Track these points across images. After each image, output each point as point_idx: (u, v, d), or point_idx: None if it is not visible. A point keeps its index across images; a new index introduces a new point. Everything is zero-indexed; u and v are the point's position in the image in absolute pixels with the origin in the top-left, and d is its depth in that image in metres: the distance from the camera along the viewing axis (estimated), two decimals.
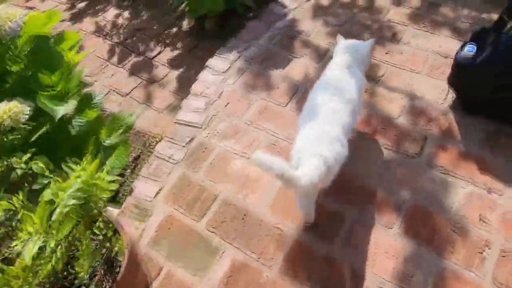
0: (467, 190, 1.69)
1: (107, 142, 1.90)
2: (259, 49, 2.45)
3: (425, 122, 1.96)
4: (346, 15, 2.61)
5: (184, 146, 2.00)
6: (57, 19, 1.76)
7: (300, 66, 2.31)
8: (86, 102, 1.80)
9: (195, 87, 2.27)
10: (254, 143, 1.97)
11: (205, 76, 2.34)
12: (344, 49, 1.74)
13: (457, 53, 1.79)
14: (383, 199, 1.70)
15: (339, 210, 1.68)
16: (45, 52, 1.62)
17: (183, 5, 2.84)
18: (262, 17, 2.68)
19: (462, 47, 1.78)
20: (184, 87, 2.52)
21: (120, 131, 1.92)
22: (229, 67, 2.36)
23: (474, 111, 1.94)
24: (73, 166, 1.27)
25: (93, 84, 2.17)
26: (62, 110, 1.44)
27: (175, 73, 2.64)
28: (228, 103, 2.16)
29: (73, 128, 1.54)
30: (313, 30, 2.52)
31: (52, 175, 1.30)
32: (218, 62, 2.40)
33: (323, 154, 1.36)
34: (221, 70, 2.35)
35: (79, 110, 1.76)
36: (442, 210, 1.64)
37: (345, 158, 1.46)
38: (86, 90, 2.10)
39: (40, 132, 1.44)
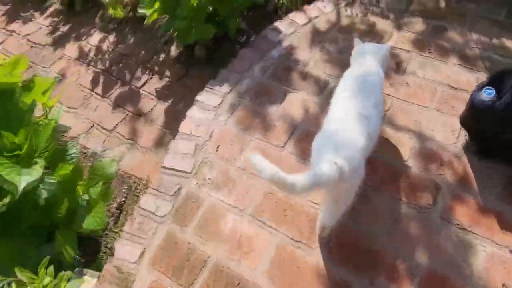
0: (488, 251, 1.51)
1: (85, 197, 1.71)
2: (252, 81, 2.26)
3: (437, 167, 1.78)
4: (346, 41, 2.42)
5: (171, 197, 1.81)
6: (24, 65, 1.56)
7: (297, 101, 2.12)
8: (59, 156, 1.61)
9: (184, 126, 2.08)
10: (248, 193, 1.78)
11: (194, 112, 2.14)
12: (364, 52, 1.69)
13: (473, 96, 1.61)
14: (394, 263, 1.51)
15: (346, 279, 1.49)
16: (7, 108, 1.42)
17: (171, 30, 2.65)
18: (255, 44, 2.49)
19: (479, 89, 1.60)
20: (172, 121, 2.33)
21: (100, 184, 1.73)
22: (221, 102, 2.17)
23: (490, 155, 1.77)
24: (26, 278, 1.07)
25: (70, 130, 1.97)
26: (25, 181, 1.24)
27: (163, 105, 2.45)
28: (220, 145, 1.97)
29: (40, 197, 1.35)
30: (311, 59, 2.33)
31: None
32: (209, 97, 2.21)
33: (338, 163, 1.22)
34: (211, 106, 2.16)
35: (51, 167, 1.57)
36: (461, 276, 1.46)
37: (361, 176, 1.36)
38: (63, 131, 1.93)
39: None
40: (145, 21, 2.41)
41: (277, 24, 2.60)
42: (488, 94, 1.52)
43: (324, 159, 1.24)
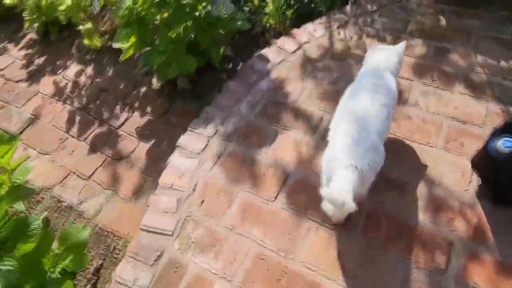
0: None
1: (55, 271, 1.51)
2: (239, 120, 2.06)
3: (448, 218, 1.58)
4: (340, 69, 2.22)
5: (151, 266, 1.61)
6: None
7: (289, 142, 1.92)
8: (19, 232, 1.41)
9: (165, 177, 1.88)
10: (237, 257, 1.58)
11: (176, 159, 1.95)
12: (376, 54, 1.68)
13: (488, 144, 1.41)
14: None
15: None
16: None
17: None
18: (242, 76, 2.29)
19: (494, 135, 1.40)
20: (154, 164, 2.13)
21: (70, 257, 1.53)
22: (205, 146, 1.97)
23: (506, 200, 1.57)
24: None
25: (35, 191, 1.78)
26: None
27: (145, 146, 2.25)
28: (204, 199, 1.77)
29: None
30: (303, 92, 2.14)
31: None
32: (192, 140, 2.01)
33: (357, 165, 1.30)
34: (195, 151, 1.96)
35: (11, 244, 1.37)
36: None
37: (380, 166, 1.44)
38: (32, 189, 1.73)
39: None
40: (121, 56, 2.21)
41: (265, 51, 2.40)
42: (505, 146, 1.32)
43: (338, 167, 1.32)
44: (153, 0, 2.01)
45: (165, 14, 2.07)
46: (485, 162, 1.47)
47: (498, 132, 1.39)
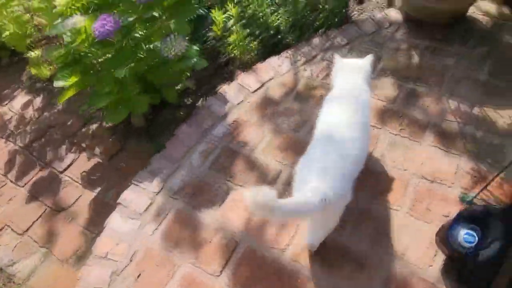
0: None
1: None
2: (189, 173, 1.86)
3: None
4: (302, 113, 2.04)
5: None
6: None
7: (242, 202, 1.73)
8: None
9: (100, 244, 1.68)
10: None
11: (115, 221, 1.75)
12: (346, 69, 1.60)
13: (450, 232, 1.24)
14: None
15: None
16: None
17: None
18: (197, 119, 2.09)
19: (457, 222, 1.24)
20: (98, 219, 1.92)
21: None
22: (149, 205, 1.78)
23: (471, 282, 1.41)
24: None
25: None
26: None
27: (90, 195, 2.04)
28: (142, 272, 1.58)
29: None
30: (261, 140, 1.95)
31: None
32: (135, 197, 1.81)
33: (322, 191, 1.16)
34: (138, 211, 1.76)
35: None
36: None
37: (346, 202, 1.31)
38: None
39: None
40: (59, 98, 1.99)
41: (225, 89, 2.21)
42: (467, 241, 1.15)
43: (308, 187, 1.18)
44: (94, 39, 1.79)
45: (108, 55, 1.86)
46: (449, 245, 1.30)
47: (461, 220, 1.22)
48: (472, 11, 2.41)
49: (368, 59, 1.61)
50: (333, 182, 1.20)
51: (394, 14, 2.51)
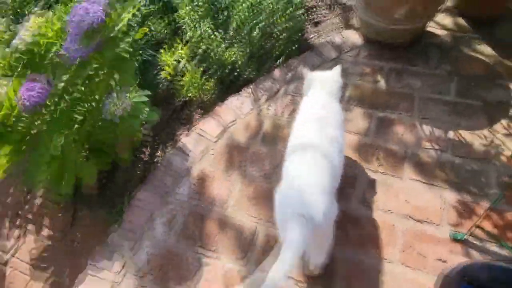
0: None
1: None
2: (154, 246, 1.64)
3: None
4: (272, 157, 1.87)
5: None
6: None
7: (217, 275, 1.53)
8: None
9: None
10: None
11: None
12: (317, 83, 1.57)
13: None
14: None
15: None
16: None
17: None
18: (156, 180, 1.86)
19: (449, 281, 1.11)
20: None
21: None
22: None
23: None
24: None
25: None
26: None
27: (39, 281, 1.76)
28: None
29: None
30: (231, 194, 1.75)
31: None
32: (93, 286, 1.56)
33: (307, 214, 1.12)
34: None
35: None
36: None
37: (335, 214, 1.25)
38: None
39: None
40: None
41: (184, 141, 2.00)
42: None
43: (289, 215, 1.13)
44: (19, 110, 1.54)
45: (42, 123, 1.61)
46: None
47: (454, 279, 1.09)
48: (430, 25, 2.36)
49: (337, 69, 1.61)
50: (316, 205, 1.15)
51: (353, 35, 2.41)
